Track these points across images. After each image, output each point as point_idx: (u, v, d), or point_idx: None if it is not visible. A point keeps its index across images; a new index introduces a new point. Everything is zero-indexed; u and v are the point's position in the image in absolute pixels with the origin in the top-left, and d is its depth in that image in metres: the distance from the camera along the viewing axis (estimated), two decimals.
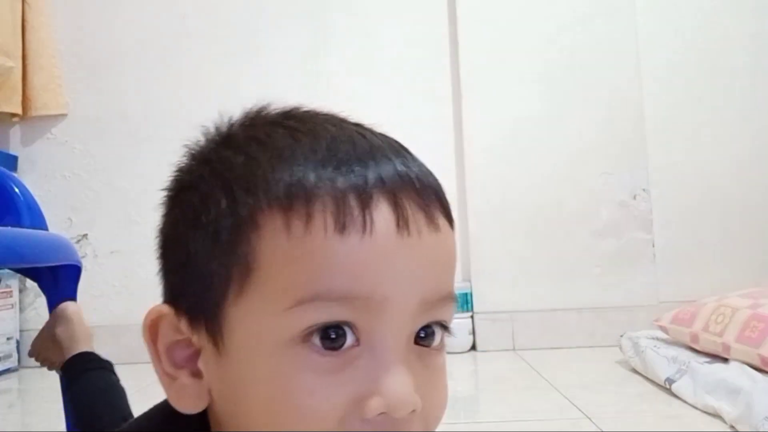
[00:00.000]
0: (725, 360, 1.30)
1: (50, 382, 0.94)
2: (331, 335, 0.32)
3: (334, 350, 0.32)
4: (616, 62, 1.97)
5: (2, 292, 1.93)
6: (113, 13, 2.12)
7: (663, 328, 1.54)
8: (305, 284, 0.32)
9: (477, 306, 1.94)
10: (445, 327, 0.37)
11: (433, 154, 2.04)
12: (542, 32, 1.99)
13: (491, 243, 1.95)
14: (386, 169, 0.34)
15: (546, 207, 1.94)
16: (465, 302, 1.92)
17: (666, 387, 1.31)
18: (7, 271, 1.88)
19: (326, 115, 0.38)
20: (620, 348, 1.60)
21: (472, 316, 1.93)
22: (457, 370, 1.74)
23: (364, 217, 0.32)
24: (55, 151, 2.09)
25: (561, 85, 1.97)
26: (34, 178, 2.04)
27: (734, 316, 1.33)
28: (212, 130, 0.38)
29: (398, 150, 0.36)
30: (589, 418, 1.15)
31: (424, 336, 0.35)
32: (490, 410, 1.32)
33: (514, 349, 1.90)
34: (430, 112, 2.04)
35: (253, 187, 0.33)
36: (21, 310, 2.02)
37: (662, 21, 2.01)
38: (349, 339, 0.33)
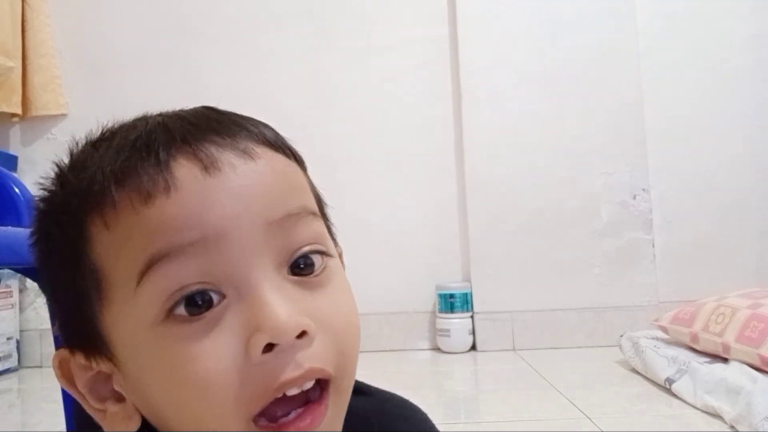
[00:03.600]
0: (725, 360, 1.30)
1: (50, 382, 0.94)
2: (197, 301, 0.32)
3: (202, 313, 0.32)
4: (617, 62, 1.97)
5: (2, 292, 1.92)
6: (113, 12, 2.12)
7: (663, 328, 1.54)
8: (138, 257, 0.32)
9: (477, 306, 1.94)
10: (321, 252, 0.36)
11: (433, 154, 2.04)
12: (542, 32, 1.99)
13: (491, 243, 1.95)
14: (179, 132, 0.34)
15: (546, 207, 1.94)
16: (465, 302, 1.92)
17: (666, 387, 1.31)
18: (7, 271, 1.88)
19: (157, 114, 0.38)
20: (620, 348, 1.60)
21: (472, 316, 1.93)
22: (457, 370, 1.74)
23: (164, 179, 0.32)
24: (55, 151, 2.07)
25: (561, 85, 1.97)
26: (34, 178, 2.03)
27: (734, 316, 1.33)
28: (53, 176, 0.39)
29: (205, 114, 0.37)
30: (589, 418, 1.16)
31: (303, 266, 0.35)
32: (490, 410, 1.32)
33: (514, 349, 1.90)
34: (430, 112, 2.04)
35: (69, 208, 0.35)
36: (21, 310, 2.01)
37: (662, 21, 2.01)
38: (214, 297, 0.32)
